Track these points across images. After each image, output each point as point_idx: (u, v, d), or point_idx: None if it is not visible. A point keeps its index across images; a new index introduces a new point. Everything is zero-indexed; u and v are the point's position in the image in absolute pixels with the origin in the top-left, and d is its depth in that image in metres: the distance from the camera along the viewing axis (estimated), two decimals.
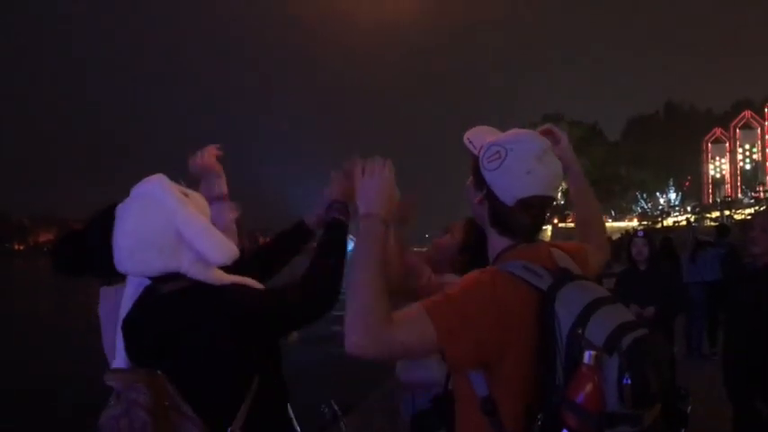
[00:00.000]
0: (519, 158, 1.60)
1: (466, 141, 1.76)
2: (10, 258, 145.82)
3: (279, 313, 1.84)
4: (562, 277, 1.50)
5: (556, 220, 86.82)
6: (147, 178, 1.80)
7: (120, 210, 1.75)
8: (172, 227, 1.69)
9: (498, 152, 1.62)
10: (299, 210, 2.12)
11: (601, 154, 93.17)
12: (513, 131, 1.71)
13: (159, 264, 1.70)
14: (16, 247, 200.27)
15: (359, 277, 1.48)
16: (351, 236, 1.97)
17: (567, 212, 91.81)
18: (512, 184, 1.60)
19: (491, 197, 1.65)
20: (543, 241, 1.74)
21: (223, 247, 1.73)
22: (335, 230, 2.03)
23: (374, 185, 1.68)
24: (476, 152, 1.71)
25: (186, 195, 1.80)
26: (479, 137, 1.74)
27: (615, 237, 50.75)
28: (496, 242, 1.68)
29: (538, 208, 1.63)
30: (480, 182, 1.67)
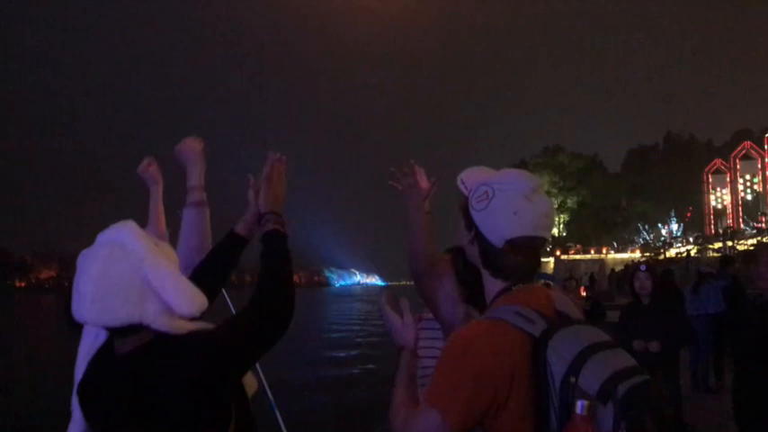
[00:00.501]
0: (506, 199, 1.57)
1: (459, 182, 1.73)
2: (11, 295, 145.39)
3: (246, 344, 1.78)
4: (556, 322, 1.47)
5: (558, 252, 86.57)
6: (115, 224, 1.70)
7: (84, 256, 1.65)
8: (138, 274, 1.59)
9: (486, 192, 1.60)
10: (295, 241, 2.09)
11: (601, 185, 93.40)
12: (504, 171, 1.69)
13: (122, 313, 1.59)
14: (18, 284, 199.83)
15: (398, 399, 1.63)
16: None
17: (569, 245, 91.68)
18: (499, 225, 1.57)
19: (480, 238, 1.62)
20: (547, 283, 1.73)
21: (192, 298, 1.64)
22: (275, 241, 2.00)
23: (395, 328, 1.78)
24: (467, 193, 1.68)
25: (156, 245, 1.71)
26: (472, 178, 1.71)
27: (618, 268, 50.68)
28: (490, 284, 1.65)
29: (528, 249, 1.59)
30: (469, 222, 1.65)
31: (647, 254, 75.48)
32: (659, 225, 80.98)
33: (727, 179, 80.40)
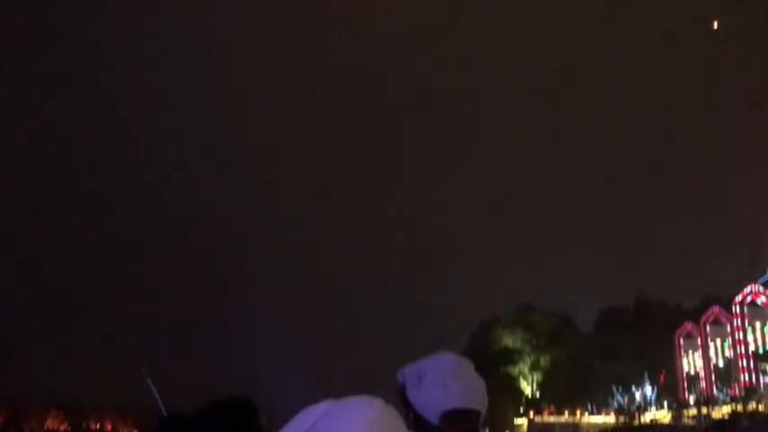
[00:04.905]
0: (435, 376, 1.75)
1: (399, 376, 1.88)
2: None
3: None
4: None
5: (531, 414, 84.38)
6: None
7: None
8: None
9: (418, 375, 1.79)
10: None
11: (574, 346, 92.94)
12: (431, 356, 1.88)
13: None
14: None
15: None
16: None
17: (542, 405, 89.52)
18: (431, 400, 1.73)
19: (417, 418, 1.76)
20: None
21: None
22: None
23: None
24: (403, 381, 1.86)
25: None
26: (410, 368, 1.87)
27: None
28: None
29: (462, 421, 1.72)
30: (407, 406, 1.80)
31: (622, 418, 73.78)
32: (633, 388, 79.79)
33: (699, 343, 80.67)
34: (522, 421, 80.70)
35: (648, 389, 78.84)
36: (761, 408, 55.76)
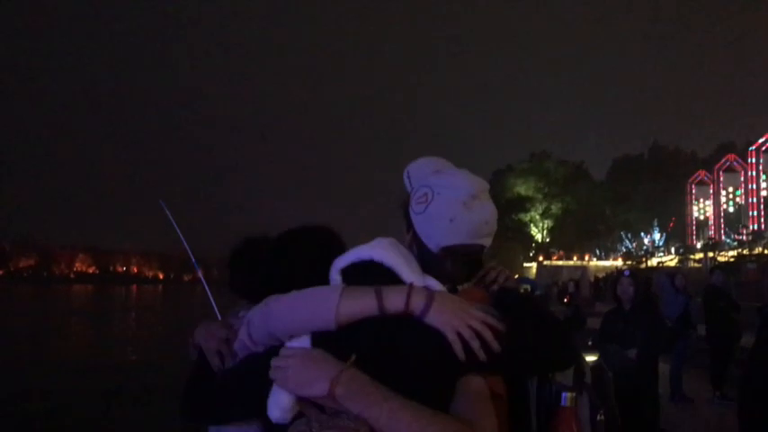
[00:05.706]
0: (443, 204, 1.49)
1: (405, 176, 1.66)
2: None
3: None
4: None
5: (541, 258, 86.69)
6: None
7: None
8: None
9: (425, 194, 1.53)
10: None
11: (586, 193, 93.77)
12: (446, 172, 1.59)
13: None
14: None
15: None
16: None
17: (551, 250, 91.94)
18: (434, 231, 1.50)
19: (417, 241, 1.55)
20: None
21: None
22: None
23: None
24: (410, 189, 1.62)
25: None
26: (420, 173, 1.63)
27: (600, 276, 50.92)
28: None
29: (464, 255, 1.53)
30: (408, 223, 1.58)
31: (630, 262, 75.85)
32: (642, 234, 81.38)
33: (710, 191, 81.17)
34: (531, 265, 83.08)
35: (657, 235, 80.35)
36: (767, 252, 56.97)
